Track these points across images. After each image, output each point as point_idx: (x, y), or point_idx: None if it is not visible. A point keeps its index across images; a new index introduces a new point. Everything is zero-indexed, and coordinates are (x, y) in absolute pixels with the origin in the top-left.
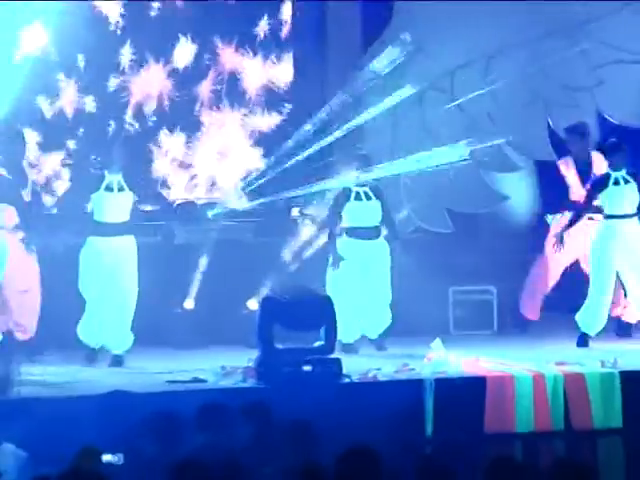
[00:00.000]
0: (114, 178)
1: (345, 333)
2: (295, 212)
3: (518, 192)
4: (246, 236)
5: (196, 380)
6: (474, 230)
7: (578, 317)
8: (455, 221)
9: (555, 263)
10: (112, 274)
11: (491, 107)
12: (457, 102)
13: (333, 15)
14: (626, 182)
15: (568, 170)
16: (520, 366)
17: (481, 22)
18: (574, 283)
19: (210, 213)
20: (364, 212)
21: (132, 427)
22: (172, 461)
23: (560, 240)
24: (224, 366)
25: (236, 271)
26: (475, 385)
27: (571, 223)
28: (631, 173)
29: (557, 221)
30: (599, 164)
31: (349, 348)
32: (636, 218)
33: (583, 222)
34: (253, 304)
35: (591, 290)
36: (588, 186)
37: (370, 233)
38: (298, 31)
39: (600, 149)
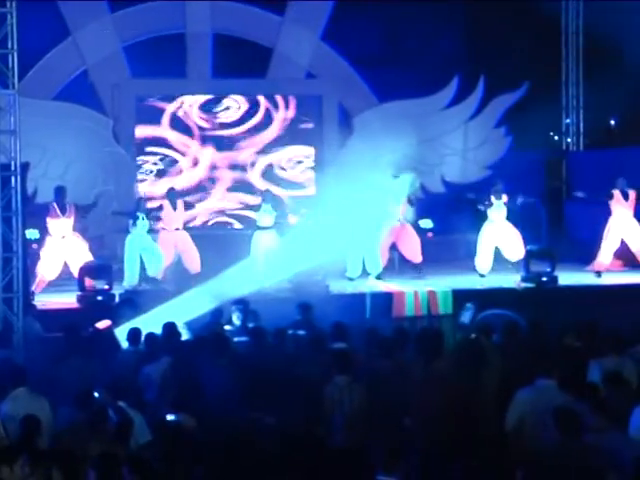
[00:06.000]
0: (267, 206)
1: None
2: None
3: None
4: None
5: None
6: None
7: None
8: None
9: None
10: (268, 248)
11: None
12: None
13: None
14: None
15: None
16: (408, 287)
17: (392, 137)
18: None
19: None
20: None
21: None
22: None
23: None
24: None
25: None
26: (388, 295)
27: None
28: None
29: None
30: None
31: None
32: None
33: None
34: None
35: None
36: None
37: None
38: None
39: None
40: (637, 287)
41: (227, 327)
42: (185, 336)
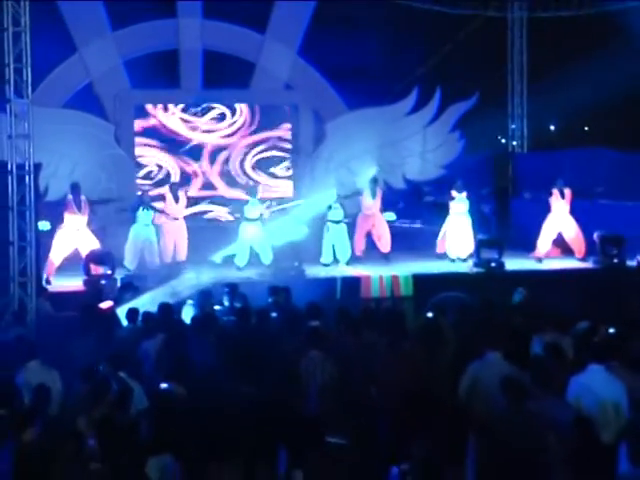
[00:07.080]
0: (254, 200)
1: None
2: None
3: None
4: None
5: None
6: None
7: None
8: None
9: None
10: (253, 237)
11: (360, 170)
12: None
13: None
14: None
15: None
16: (374, 272)
17: (360, 140)
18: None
19: None
20: None
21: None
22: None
23: None
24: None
25: None
26: (356, 279)
27: None
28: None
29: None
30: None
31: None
32: None
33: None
34: None
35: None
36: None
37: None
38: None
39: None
40: (572, 271)
41: (217, 307)
42: (191, 313)
